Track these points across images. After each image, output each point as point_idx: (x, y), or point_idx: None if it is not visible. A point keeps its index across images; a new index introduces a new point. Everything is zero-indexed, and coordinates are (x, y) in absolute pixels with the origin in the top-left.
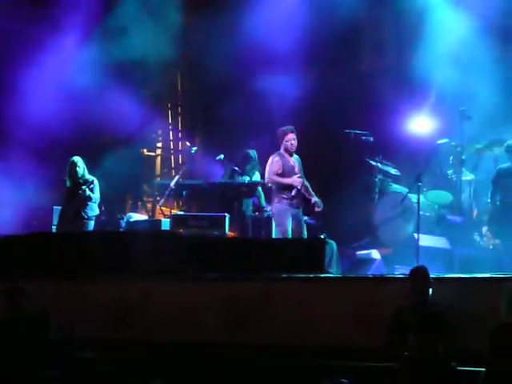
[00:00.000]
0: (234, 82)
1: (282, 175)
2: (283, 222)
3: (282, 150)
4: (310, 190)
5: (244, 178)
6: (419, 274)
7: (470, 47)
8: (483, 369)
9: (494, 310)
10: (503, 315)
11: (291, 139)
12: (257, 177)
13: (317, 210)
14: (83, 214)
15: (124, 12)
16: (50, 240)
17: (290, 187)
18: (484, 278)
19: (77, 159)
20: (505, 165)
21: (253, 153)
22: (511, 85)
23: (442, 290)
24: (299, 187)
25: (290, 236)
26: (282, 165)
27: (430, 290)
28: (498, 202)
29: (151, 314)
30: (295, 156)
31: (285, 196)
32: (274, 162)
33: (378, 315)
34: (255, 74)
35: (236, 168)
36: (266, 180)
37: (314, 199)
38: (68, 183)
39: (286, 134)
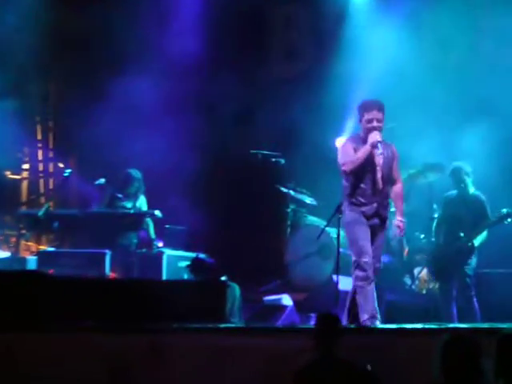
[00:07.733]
0: (117, 92)
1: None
2: (353, 229)
3: (360, 132)
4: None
5: (126, 203)
6: (322, 322)
7: (397, 55)
8: None
9: (423, 368)
10: (434, 375)
11: (373, 118)
12: (142, 202)
13: (398, 233)
14: None
15: None
16: None
17: (362, 191)
18: (413, 330)
19: None
20: (452, 192)
21: (135, 173)
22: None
23: (364, 343)
24: (378, 139)
25: (361, 245)
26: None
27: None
28: (441, 238)
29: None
30: None
31: (354, 201)
32: (344, 147)
33: (288, 373)
34: (140, 83)
35: (117, 194)
36: (342, 168)
37: (399, 219)
38: None
39: (365, 109)
